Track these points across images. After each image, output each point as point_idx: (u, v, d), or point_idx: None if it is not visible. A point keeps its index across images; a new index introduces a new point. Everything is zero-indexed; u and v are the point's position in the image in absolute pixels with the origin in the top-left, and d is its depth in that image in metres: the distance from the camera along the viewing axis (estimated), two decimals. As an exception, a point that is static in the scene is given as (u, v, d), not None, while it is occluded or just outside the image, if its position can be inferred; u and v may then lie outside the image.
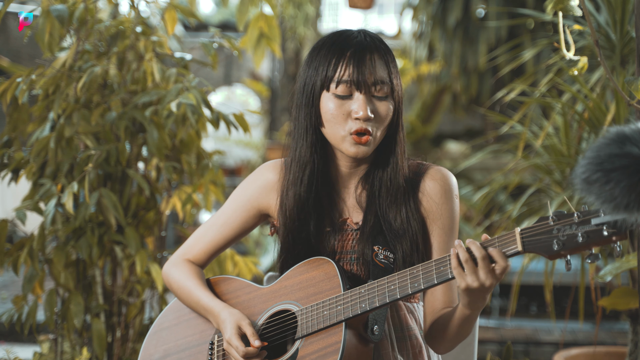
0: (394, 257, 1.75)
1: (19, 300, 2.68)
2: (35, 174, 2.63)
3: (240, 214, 1.91)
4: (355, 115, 1.72)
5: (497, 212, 5.08)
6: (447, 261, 1.57)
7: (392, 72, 1.75)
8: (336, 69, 1.73)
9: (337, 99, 1.73)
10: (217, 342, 1.82)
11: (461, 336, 1.71)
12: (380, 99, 1.74)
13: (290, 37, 8.71)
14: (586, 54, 3.00)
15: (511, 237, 1.51)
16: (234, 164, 9.08)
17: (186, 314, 1.92)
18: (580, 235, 1.42)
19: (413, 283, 1.59)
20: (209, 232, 1.94)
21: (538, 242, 1.47)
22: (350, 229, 1.81)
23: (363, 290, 1.65)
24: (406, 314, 1.81)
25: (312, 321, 1.69)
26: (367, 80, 1.71)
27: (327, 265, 1.73)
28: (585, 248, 1.43)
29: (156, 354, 1.90)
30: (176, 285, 1.93)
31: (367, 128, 1.71)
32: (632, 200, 1.30)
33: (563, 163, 3.03)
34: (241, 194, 1.92)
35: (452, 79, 7.15)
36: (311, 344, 1.67)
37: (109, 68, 2.64)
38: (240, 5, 2.96)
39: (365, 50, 1.73)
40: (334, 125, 1.74)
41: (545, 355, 4.30)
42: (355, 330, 1.68)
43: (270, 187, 1.88)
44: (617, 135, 1.34)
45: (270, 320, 1.78)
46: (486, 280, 1.52)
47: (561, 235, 1.44)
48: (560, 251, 1.44)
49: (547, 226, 1.46)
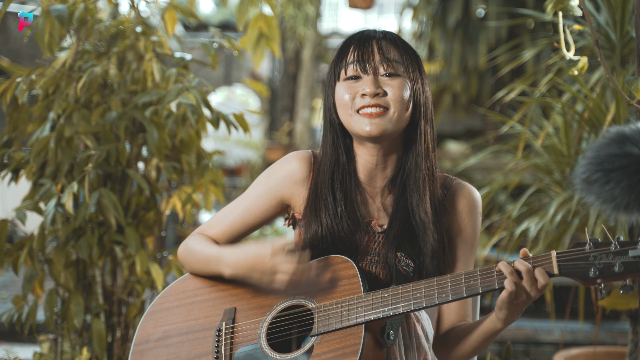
0: (414, 266, 1.74)
1: (19, 300, 2.68)
2: (35, 174, 2.63)
3: (263, 202, 1.87)
4: (361, 91, 1.71)
5: (497, 212, 5.08)
6: (477, 275, 1.57)
7: (406, 56, 1.75)
8: (343, 56, 1.75)
9: (346, 83, 1.74)
10: (225, 330, 1.77)
11: (476, 352, 1.72)
12: (392, 76, 1.73)
13: (290, 37, 8.71)
14: (586, 54, 3.00)
15: (547, 259, 1.52)
16: (234, 164, 9.08)
17: (190, 297, 1.86)
18: (617, 265, 1.43)
19: (441, 293, 1.59)
20: (230, 215, 1.89)
21: (574, 267, 1.49)
22: (375, 231, 1.79)
23: (386, 294, 1.64)
24: (415, 322, 1.81)
25: (329, 319, 1.67)
26: (374, 59, 1.72)
27: (346, 265, 1.72)
28: (621, 278, 1.44)
29: (155, 334, 1.84)
30: (192, 249, 1.87)
31: (377, 103, 1.70)
32: (632, 200, 1.30)
33: (563, 163, 3.03)
34: (265, 181, 1.88)
35: (452, 79, 7.15)
36: (327, 342, 1.65)
37: (109, 68, 2.64)
38: (240, 5, 2.96)
39: (370, 36, 1.75)
40: (344, 109, 1.74)
41: (545, 355, 4.30)
42: (372, 334, 1.68)
43: (297, 177, 1.84)
44: (617, 135, 1.34)
45: (282, 313, 1.74)
46: (531, 292, 1.53)
47: (598, 263, 1.45)
48: (597, 279, 1.46)
49: (584, 252, 1.47)
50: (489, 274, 1.57)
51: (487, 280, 1.56)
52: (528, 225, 3.03)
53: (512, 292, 1.53)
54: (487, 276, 1.57)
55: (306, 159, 1.85)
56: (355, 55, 1.73)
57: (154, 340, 1.83)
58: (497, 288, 1.55)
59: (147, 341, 1.84)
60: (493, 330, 1.64)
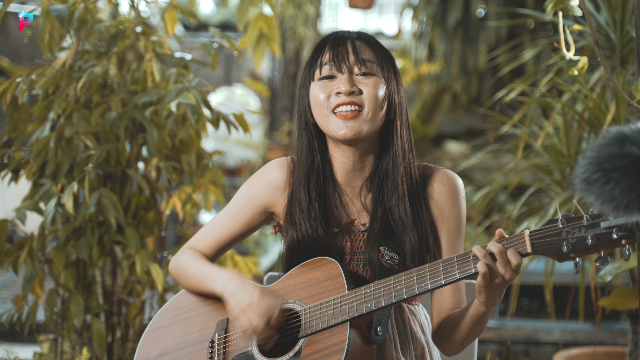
0: (399, 258, 1.75)
1: (19, 300, 2.68)
2: (35, 174, 2.63)
3: (246, 211, 1.90)
4: (336, 89, 1.72)
5: (497, 212, 5.08)
6: (454, 262, 1.57)
7: (380, 56, 1.76)
8: (318, 56, 1.76)
9: (321, 82, 1.75)
10: (218, 341, 1.80)
11: (472, 336, 1.72)
12: (367, 75, 1.74)
13: (290, 37, 8.71)
14: (586, 54, 3.00)
15: (520, 239, 1.52)
16: (234, 164, 9.08)
17: (185, 312, 1.90)
18: (590, 238, 1.43)
19: (420, 283, 1.59)
20: (217, 228, 1.93)
21: (547, 244, 1.48)
22: (359, 230, 1.80)
23: (368, 290, 1.65)
24: (409, 316, 1.81)
25: (315, 320, 1.68)
26: (348, 59, 1.73)
27: (330, 265, 1.73)
28: (595, 251, 1.44)
29: (154, 352, 1.88)
30: (184, 267, 1.90)
31: (352, 101, 1.71)
32: (632, 200, 1.30)
33: (563, 163, 3.03)
34: (247, 191, 1.91)
35: (452, 79, 7.15)
36: (315, 343, 1.66)
37: (109, 68, 2.64)
38: (240, 5, 2.96)
39: (345, 37, 1.77)
40: (319, 109, 1.75)
41: (545, 355, 4.30)
42: (359, 331, 1.68)
43: (277, 185, 1.87)
44: (617, 135, 1.34)
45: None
46: (505, 273, 1.53)
47: (570, 237, 1.45)
48: (570, 253, 1.46)
49: (556, 228, 1.48)
50: (466, 259, 1.57)
51: (463, 266, 1.57)
52: (528, 225, 3.03)
53: (485, 274, 1.54)
54: (464, 261, 1.57)
55: (285, 165, 1.88)
56: (330, 55, 1.74)
57: (153, 358, 1.88)
58: (474, 272, 1.55)
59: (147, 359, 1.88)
60: (479, 314, 1.65)
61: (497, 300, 1.60)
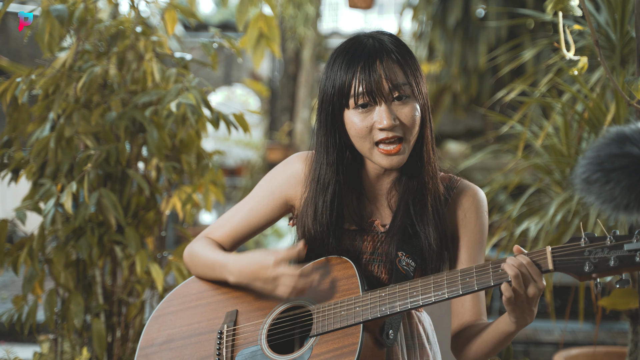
0: (415, 265, 1.74)
1: (19, 300, 2.68)
2: (35, 174, 2.63)
3: (267, 202, 1.88)
4: (378, 125, 1.69)
5: (497, 212, 5.08)
6: (473, 272, 1.57)
7: (409, 71, 1.71)
8: (351, 85, 1.69)
9: (358, 113, 1.70)
10: (227, 332, 1.78)
11: (494, 352, 1.71)
12: (403, 101, 1.70)
13: (290, 37, 8.72)
14: (586, 54, 3.00)
15: (542, 255, 1.52)
16: (234, 164, 9.08)
17: (193, 300, 1.88)
18: (613, 260, 1.42)
19: (437, 291, 1.59)
20: (235, 218, 1.91)
21: (569, 262, 1.48)
22: (378, 231, 1.79)
23: (383, 293, 1.64)
24: (417, 323, 1.81)
25: (328, 320, 1.67)
26: (384, 88, 1.68)
27: (345, 265, 1.72)
28: (616, 273, 1.44)
29: (159, 338, 1.86)
30: (196, 254, 1.89)
31: (395, 135, 1.68)
32: (632, 200, 1.30)
33: (563, 163, 3.03)
34: (269, 183, 1.89)
35: (452, 79, 7.15)
36: (326, 343, 1.66)
37: (109, 68, 2.64)
38: (240, 6, 2.96)
39: (375, 58, 1.69)
40: (360, 140, 1.72)
41: (545, 355, 4.30)
42: (371, 333, 1.68)
43: (299, 178, 1.85)
44: (617, 135, 1.34)
45: (282, 315, 1.76)
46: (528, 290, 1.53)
47: (593, 257, 1.45)
48: (592, 274, 1.45)
49: (579, 247, 1.47)
50: (485, 270, 1.57)
51: (482, 278, 1.56)
52: (528, 225, 3.03)
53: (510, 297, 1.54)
54: (483, 273, 1.56)
55: (309, 159, 1.86)
56: (364, 87, 1.68)
57: (159, 344, 1.85)
58: (492, 285, 1.55)
59: (152, 345, 1.86)
60: (509, 331, 1.64)
61: (527, 319, 1.59)
